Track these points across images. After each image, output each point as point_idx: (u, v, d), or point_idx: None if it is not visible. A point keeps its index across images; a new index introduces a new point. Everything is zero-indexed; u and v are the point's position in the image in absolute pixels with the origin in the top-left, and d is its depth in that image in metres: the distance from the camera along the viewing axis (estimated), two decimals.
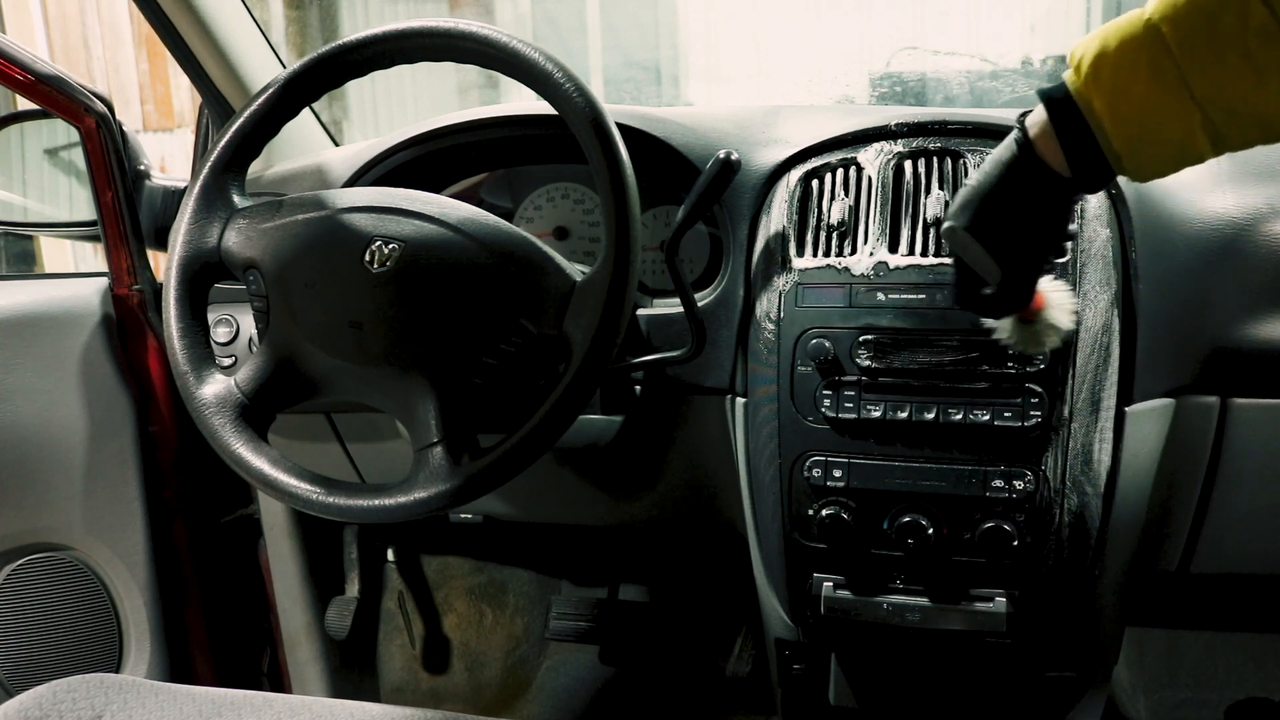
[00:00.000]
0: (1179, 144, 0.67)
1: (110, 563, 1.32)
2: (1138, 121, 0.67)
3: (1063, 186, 0.74)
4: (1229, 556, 1.06)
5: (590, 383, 0.82)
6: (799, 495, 0.96)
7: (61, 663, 1.30)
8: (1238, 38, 0.63)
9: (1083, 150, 0.70)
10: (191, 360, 0.91)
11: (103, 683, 0.87)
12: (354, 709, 0.88)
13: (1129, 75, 0.67)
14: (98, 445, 1.30)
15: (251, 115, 0.96)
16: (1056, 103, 0.71)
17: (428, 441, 0.85)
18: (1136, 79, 0.66)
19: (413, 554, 1.70)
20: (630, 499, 1.22)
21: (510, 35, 0.89)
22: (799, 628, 1.02)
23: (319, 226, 0.92)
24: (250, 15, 1.33)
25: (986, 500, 0.91)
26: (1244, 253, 0.94)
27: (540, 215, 1.24)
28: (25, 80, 1.19)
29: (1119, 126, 0.68)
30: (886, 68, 2.01)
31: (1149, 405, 0.94)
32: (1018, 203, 0.75)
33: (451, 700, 1.68)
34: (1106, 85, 0.68)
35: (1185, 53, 0.64)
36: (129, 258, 1.30)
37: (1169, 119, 0.66)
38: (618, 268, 0.82)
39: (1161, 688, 1.43)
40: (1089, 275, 0.91)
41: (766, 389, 0.98)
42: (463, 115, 1.17)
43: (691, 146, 1.07)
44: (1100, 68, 0.68)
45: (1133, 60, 0.66)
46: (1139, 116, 0.67)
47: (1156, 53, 0.65)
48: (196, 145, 1.39)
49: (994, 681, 1.04)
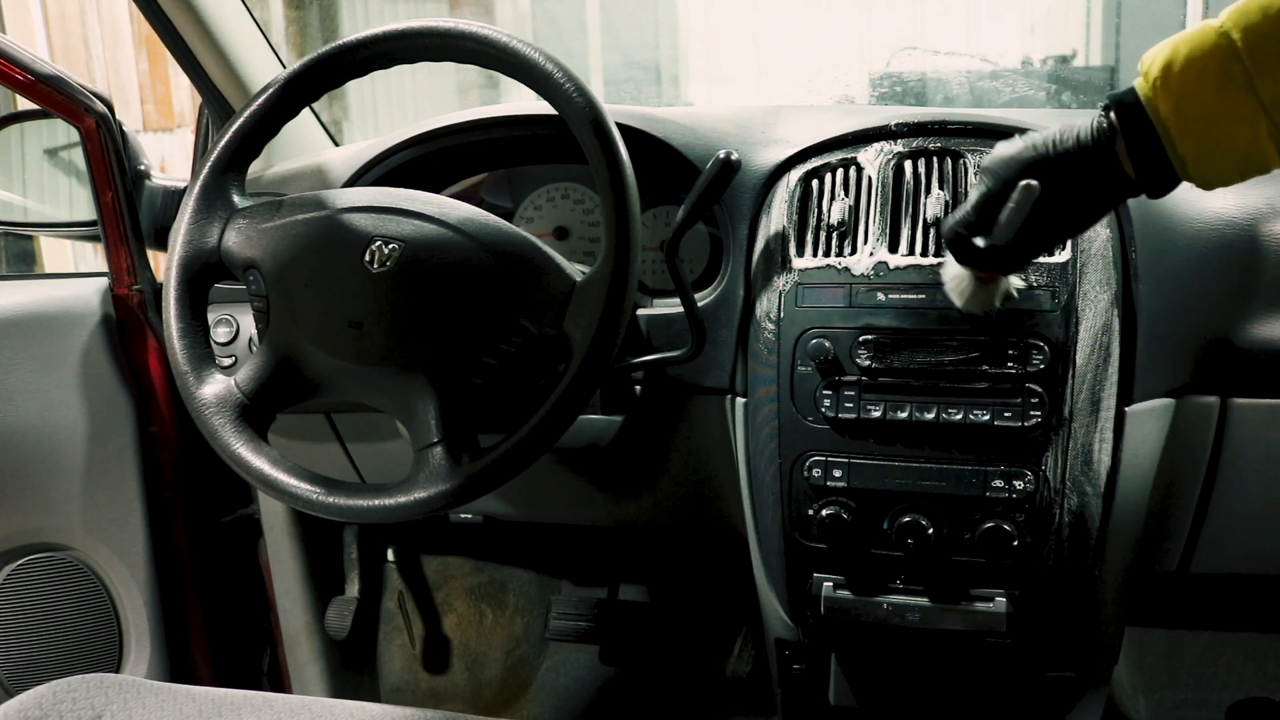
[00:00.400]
0: (1244, 150, 0.68)
1: (110, 563, 1.32)
2: (1204, 126, 0.68)
3: (1127, 185, 0.73)
4: (1229, 556, 1.06)
5: (590, 383, 0.82)
6: (799, 495, 0.96)
7: (61, 663, 1.30)
8: None
9: (1149, 156, 0.70)
10: (191, 360, 0.91)
11: (103, 683, 0.87)
12: (354, 709, 0.88)
13: (1197, 80, 0.67)
14: (98, 445, 1.30)
15: (251, 115, 0.96)
16: (1126, 107, 0.71)
17: (428, 441, 0.85)
18: (1204, 84, 0.67)
19: (413, 554, 1.71)
20: (630, 499, 1.23)
21: (510, 35, 0.89)
22: (799, 628, 1.02)
23: (319, 226, 0.92)
24: (250, 15, 1.33)
25: (986, 500, 0.91)
26: (1244, 253, 0.94)
27: (540, 215, 1.24)
28: (25, 80, 1.19)
29: (1185, 131, 0.68)
30: (886, 68, 2.01)
31: (1149, 405, 0.94)
32: (1082, 187, 0.75)
33: (451, 700, 1.68)
34: (1174, 90, 0.68)
35: (1254, 57, 0.65)
36: (129, 258, 1.30)
37: (1236, 124, 0.67)
38: (618, 268, 0.82)
39: (1161, 688, 1.43)
40: (1089, 275, 0.91)
41: (766, 389, 0.98)
42: (463, 115, 1.17)
43: (691, 146, 1.07)
44: (1169, 73, 0.68)
45: (1201, 66, 0.67)
46: (1205, 121, 0.67)
47: (1226, 58, 0.66)
48: (196, 145, 1.39)
49: (994, 681, 1.04)
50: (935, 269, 0.93)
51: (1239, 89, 0.65)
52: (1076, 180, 0.74)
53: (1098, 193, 0.75)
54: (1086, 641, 0.99)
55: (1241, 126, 0.67)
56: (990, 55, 4.10)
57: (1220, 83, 0.66)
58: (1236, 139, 0.67)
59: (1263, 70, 0.65)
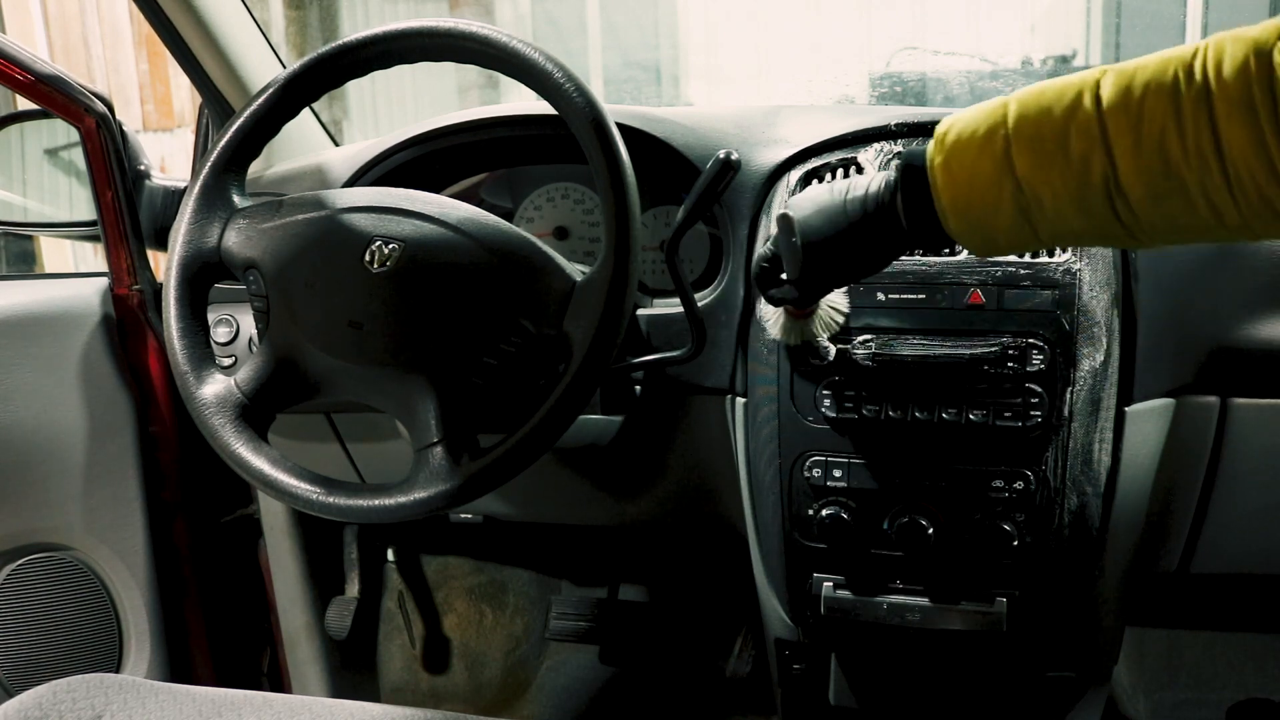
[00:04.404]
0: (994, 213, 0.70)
1: (110, 563, 1.32)
2: (965, 184, 0.71)
3: (902, 237, 0.77)
4: (1229, 557, 1.06)
5: (590, 383, 0.82)
6: (799, 495, 0.96)
7: (61, 663, 1.30)
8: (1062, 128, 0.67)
9: (918, 203, 0.74)
10: (191, 360, 0.91)
11: (103, 683, 0.87)
12: (354, 709, 0.88)
13: (968, 140, 0.71)
14: (98, 445, 1.30)
15: (251, 115, 0.96)
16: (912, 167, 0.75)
17: (428, 441, 0.85)
18: (972, 144, 0.70)
19: (413, 554, 1.71)
20: (630, 499, 1.23)
21: (510, 35, 0.89)
22: (799, 628, 1.02)
23: (319, 226, 0.92)
24: (250, 15, 1.33)
25: (986, 500, 0.92)
26: (1244, 253, 0.94)
27: (540, 215, 1.24)
28: (25, 80, 1.19)
29: (948, 185, 0.72)
30: (886, 68, 2.01)
31: (1149, 405, 0.94)
32: (860, 237, 0.79)
33: (451, 700, 1.68)
34: (948, 146, 0.72)
35: (1017, 132, 0.69)
36: (129, 258, 1.30)
37: (988, 188, 0.70)
38: (618, 268, 0.82)
39: (1161, 688, 1.43)
40: (1089, 275, 0.91)
41: (766, 389, 0.98)
42: (463, 115, 1.17)
43: (691, 146, 1.07)
44: (950, 130, 0.72)
45: (974, 128, 0.71)
46: (967, 180, 0.71)
47: (995, 125, 0.70)
48: (196, 145, 1.39)
49: (994, 681, 1.04)
50: (935, 268, 0.93)
51: (997, 155, 0.69)
52: (862, 229, 0.78)
53: (878, 242, 0.79)
54: (1086, 641, 0.99)
55: (992, 190, 0.70)
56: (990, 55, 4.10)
57: (983, 146, 0.70)
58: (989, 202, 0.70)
59: (1020, 143, 0.68)
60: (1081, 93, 0.67)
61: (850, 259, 0.81)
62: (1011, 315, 0.91)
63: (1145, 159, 0.64)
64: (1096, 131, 0.66)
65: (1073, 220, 0.69)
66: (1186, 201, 0.64)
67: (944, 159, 0.72)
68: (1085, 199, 0.67)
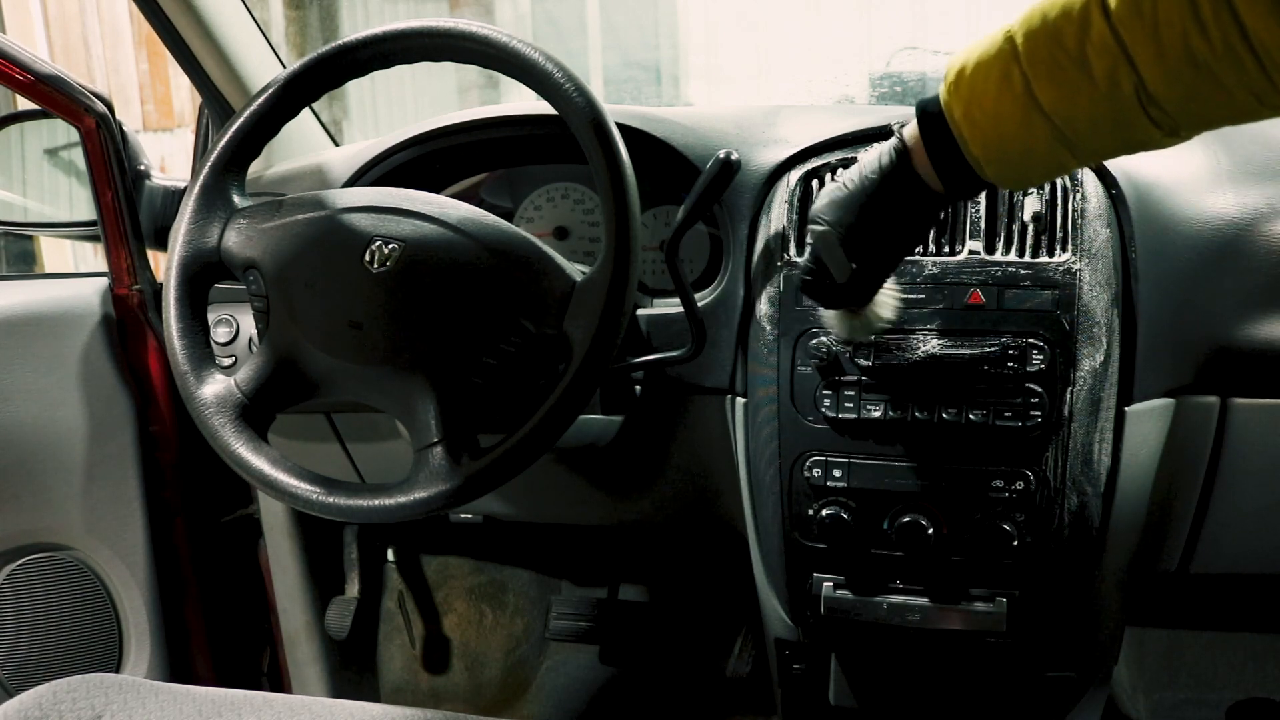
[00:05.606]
0: (1031, 150, 0.68)
1: (110, 563, 1.32)
2: (992, 128, 0.69)
3: (934, 199, 0.75)
4: (1229, 556, 1.06)
5: (590, 383, 0.82)
6: (799, 495, 0.96)
7: (61, 663, 1.30)
8: (1077, 50, 0.64)
9: (948, 158, 0.72)
10: (191, 360, 0.91)
11: (103, 683, 0.87)
12: (354, 709, 0.88)
13: (983, 83, 0.68)
14: (98, 445, 1.30)
15: (251, 115, 0.96)
16: (929, 115, 0.72)
17: (428, 441, 0.85)
18: (989, 88, 0.68)
19: (413, 554, 1.71)
20: (630, 499, 1.22)
21: (510, 35, 0.89)
22: (799, 628, 1.02)
23: (319, 226, 0.92)
24: (250, 15, 1.33)
25: (986, 500, 0.91)
26: (1244, 253, 0.94)
27: (540, 215, 1.24)
28: (25, 80, 1.19)
29: (975, 133, 0.70)
30: (886, 68, 2.01)
31: (1149, 405, 0.94)
32: (889, 213, 0.77)
33: (451, 700, 1.68)
34: (964, 93, 0.69)
35: (1031, 62, 0.66)
36: (129, 258, 1.30)
37: (1017, 127, 0.68)
38: (618, 268, 0.82)
39: (1161, 688, 1.43)
40: (1089, 275, 0.91)
41: (766, 389, 0.98)
42: (463, 115, 1.17)
43: (691, 146, 1.07)
44: (961, 77, 0.69)
45: (987, 69, 0.68)
46: (993, 124, 0.69)
47: (1007, 62, 0.67)
48: (196, 145, 1.39)
49: (994, 681, 1.04)
50: (935, 268, 0.93)
51: (1018, 92, 0.66)
52: (886, 204, 0.77)
53: (908, 212, 0.77)
54: (1086, 641, 0.99)
55: (1022, 130, 0.68)
56: None
57: (1001, 86, 0.67)
58: (1021, 141, 0.68)
59: (1038, 76, 0.66)
60: (1088, 9, 0.64)
61: (890, 234, 0.79)
62: (1011, 315, 0.91)
63: (1171, 64, 0.62)
64: (1115, 46, 0.63)
65: (1109, 136, 0.67)
66: (1223, 93, 0.62)
67: (964, 109, 0.69)
68: (1119, 114, 0.65)
